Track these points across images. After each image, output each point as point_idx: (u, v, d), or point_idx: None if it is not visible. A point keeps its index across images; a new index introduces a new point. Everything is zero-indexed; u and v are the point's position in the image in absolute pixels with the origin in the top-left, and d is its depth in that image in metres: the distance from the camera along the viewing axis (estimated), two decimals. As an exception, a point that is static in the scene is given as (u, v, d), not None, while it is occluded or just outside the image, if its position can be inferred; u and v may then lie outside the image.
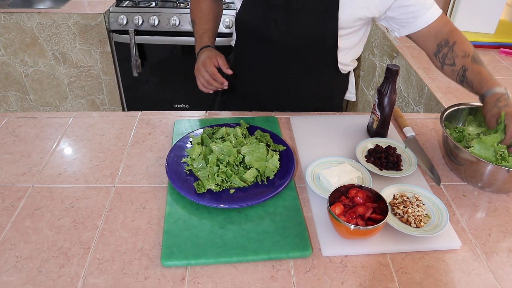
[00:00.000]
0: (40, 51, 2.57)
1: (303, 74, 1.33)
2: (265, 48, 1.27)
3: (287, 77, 1.33)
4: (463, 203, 1.00)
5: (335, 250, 0.86)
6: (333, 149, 1.15)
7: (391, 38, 2.04)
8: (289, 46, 1.24)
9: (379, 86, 1.12)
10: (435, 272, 0.83)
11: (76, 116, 1.27)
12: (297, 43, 1.23)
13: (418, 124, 1.30)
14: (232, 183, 0.97)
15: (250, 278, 0.80)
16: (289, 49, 1.25)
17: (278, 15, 1.18)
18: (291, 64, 1.30)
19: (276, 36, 1.22)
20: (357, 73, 2.66)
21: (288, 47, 1.24)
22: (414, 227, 0.89)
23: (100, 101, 2.82)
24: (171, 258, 0.82)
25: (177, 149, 1.08)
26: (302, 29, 1.20)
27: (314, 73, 1.33)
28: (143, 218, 0.92)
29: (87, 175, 1.04)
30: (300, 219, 0.92)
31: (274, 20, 1.20)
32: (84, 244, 0.86)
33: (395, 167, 1.06)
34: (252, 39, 1.29)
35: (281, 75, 1.33)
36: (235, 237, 0.87)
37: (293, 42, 1.23)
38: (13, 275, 0.79)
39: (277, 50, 1.26)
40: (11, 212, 0.93)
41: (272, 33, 1.22)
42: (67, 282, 0.78)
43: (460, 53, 1.15)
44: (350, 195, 0.90)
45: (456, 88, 1.55)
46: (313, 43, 1.23)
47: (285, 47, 1.24)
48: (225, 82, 1.21)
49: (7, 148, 1.13)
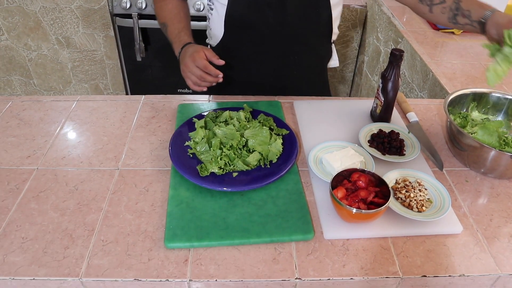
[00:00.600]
0: (43, 35, 2.57)
1: (304, 53, 1.32)
2: (262, 35, 1.26)
3: (288, 60, 1.32)
4: (465, 188, 1.00)
5: (337, 234, 0.86)
6: (336, 134, 1.15)
7: (396, 23, 2.02)
8: (286, 28, 1.23)
9: (383, 71, 1.12)
10: (436, 256, 0.83)
11: (80, 99, 1.27)
12: (294, 22, 1.22)
13: (421, 109, 1.29)
14: (235, 167, 0.98)
15: (252, 260, 0.81)
16: (287, 31, 1.24)
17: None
18: (291, 46, 1.29)
19: (272, 20, 1.22)
20: (361, 58, 2.64)
21: (285, 29, 1.24)
22: (416, 211, 0.89)
23: (103, 85, 2.82)
24: (174, 240, 0.82)
25: (180, 132, 1.09)
26: (297, 7, 1.19)
27: (313, 49, 1.33)
28: (147, 200, 0.93)
29: (91, 158, 1.05)
30: (303, 202, 0.92)
31: (267, 5, 1.19)
32: (88, 226, 0.87)
33: (398, 152, 1.06)
34: (247, 30, 1.27)
35: (282, 59, 1.32)
36: (237, 219, 0.88)
37: (290, 22, 1.22)
38: (19, 256, 0.80)
39: (275, 34, 1.25)
40: (16, 194, 0.94)
41: (268, 18, 1.21)
42: (72, 263, 0.79)
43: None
44: (353, 179, 0.91)
45: (461, 74, 1.54)
46: (309, 18, 1.22)
47: (282, 29, 1.24)
48: (220, 73, 1.13)
49: (12, 131, 1.13)
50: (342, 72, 2.79)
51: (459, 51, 1.72)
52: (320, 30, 1.29)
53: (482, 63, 1.62)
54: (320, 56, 1.39)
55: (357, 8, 2.49)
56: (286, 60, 1.33)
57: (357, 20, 2.53)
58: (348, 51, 2.68)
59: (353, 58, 2.72)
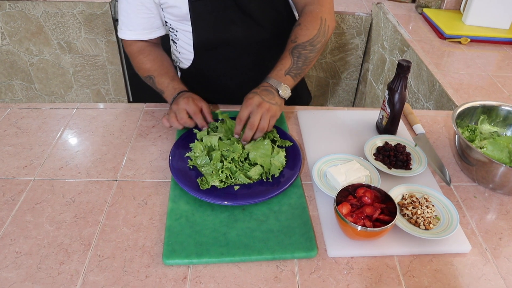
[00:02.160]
0: (45, 40, 2.55)
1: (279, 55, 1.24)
2: (234, 50, 1.25)
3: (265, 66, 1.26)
4: (474, 204, 0.97)
5: (341, 251, 0.83)
6: (341, 146, 1.12)
7: (402, 32, 2.00)
8: (257, 37, 1.22)
9: (389, 82, 1.09)
10: (443, 276, 0.80)
11: (79, 107, 1.25)
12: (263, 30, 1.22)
13: (428, 121, 1.26)
14: (237, 180, 0.95)
15: (253, 279, 0.78)
16: (258, 39, 1.24)
17: (232, 14, 1.17)
18: (265, 52, 1.28)
19: (241, 34, 1.21)
20: (365, 66, 2.62)
21: (256, 39, 1.23)
22: (423, 229, 0.86)
23: (105, 91, 2.80)
24: (173, 256, 0.80)
25: (181, 143, 1.06)
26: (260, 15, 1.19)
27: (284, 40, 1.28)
28: (145, 214, 0.91)
29: (89, 169, 1.02)
30: (306, 218, 0.89)
31: (232, 22, 1.18)
32: (84, 240, 0.84)
33: (404, 166, 1.03)
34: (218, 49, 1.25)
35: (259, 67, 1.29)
36: (238, 235, 0.85)
37: (258, 31, 1.21)
38: (12, 271, 0.78)
39: (247, 46, 1.25)
40: (11, 206, 0.91)
41: (237, 34, 1.20)
42: (67, 279, 0.77)
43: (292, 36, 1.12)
44: (358, 194, 0.88)
45: (468, 85, 1.51)
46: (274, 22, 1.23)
47: (253, 41, 1.23)
48: (205, 126, 1.08)
49: (9, 140, 1.11)
50: (346, 80, 2.77)
51: (466, 61, 1.69)
52: (285, 27, 1.26)
53: (490, 74, 1.60)
54: None
55: (362, 16, 2.47)
56: (263, 66, 1.29)
57: (362, 28, 2.51)
58: (353, 59, 2.65)
59: (358, 66, 2.69)
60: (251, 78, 1.30)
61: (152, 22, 1.21)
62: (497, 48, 1.83)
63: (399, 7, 2.30)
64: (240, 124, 1.01)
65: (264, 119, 1.00)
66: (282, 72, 1.06)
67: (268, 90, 1.04)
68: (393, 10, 2.25)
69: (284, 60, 1.08)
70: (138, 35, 1.22)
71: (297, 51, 1.09)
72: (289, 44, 1.11)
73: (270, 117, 1.01)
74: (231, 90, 1.35)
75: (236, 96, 1.26)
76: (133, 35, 1.21)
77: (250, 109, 1.00)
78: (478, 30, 1.91)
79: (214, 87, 1.37)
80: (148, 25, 1.20)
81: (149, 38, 1.23)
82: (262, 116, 1.00)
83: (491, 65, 1.68)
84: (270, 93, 1.03)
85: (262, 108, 1.00)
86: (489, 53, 1.79)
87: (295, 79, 1.08)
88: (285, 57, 1.09)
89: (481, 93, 1.47)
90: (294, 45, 1.09)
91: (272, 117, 1.02)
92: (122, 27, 1.21)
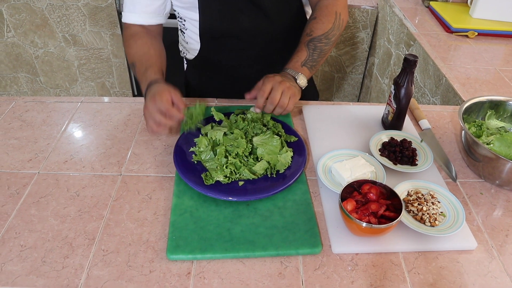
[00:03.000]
0: (50, 32, 2.55)
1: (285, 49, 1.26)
2: (241, 41, 1.24)
3: (271, 59, 1.30)
4: (480, 201, 0.97)
5: (346, 248, 0.83)
6: (346, 141, 1.11)
7: (408, 25, 1.98)
8: (264, 28, 1.22)
9: (396, 77, 1.08)
10: (449, 273, 0.80)
11: (84, 101, 1.25)
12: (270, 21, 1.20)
13: (434, 116, 1.25)
14: (241, 175, 0.95)
15: (257, 275, 0.78)
16: (265, 31, 1.23)
17: (241, 3, 1.16)
18: (272, 45, 1.27)
19: (248, 24, 1.20)
20: (371, 60, 2.60)
21: (263, 30, 1.22)
22: (429, 225, 0.86)
23: (110, 84, 2.80)
24: (177, 252, 0.80)
25: (185, 137, 1.06)
26: (269, 5, 1.17)
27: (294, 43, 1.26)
28: (149, 208, 0.90)
29: (94, 163, 1.02)
30: (311, 214, 0.89)
31: (240, 11, 1.17)
32: (89, 234, 0.84)
33: (410, 162, 1.02)
34: (224, 39, 1.24)
35: (265, 60, 1.30)
36: (243, 231, 0.85)
37: (266, 22, 1.20)
38: (17, 265, 0.78)
39: (253, 38, 1.24)
40: (16, 200, 0.91)
41: (244, 24, 1.19)
42: (71, 273, 0.77)
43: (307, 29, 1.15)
44: (363, 191, 0.87)
45: (475, 79, 1.50)
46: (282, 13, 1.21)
47: (260, 31, 1.22)
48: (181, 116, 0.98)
49: (14, 133, 1.11)
50: (351, 74, 2.75)
51: (473, 55, 1.68)
52: (295, 21, 1.26)
53: (497, 68, 1.58)
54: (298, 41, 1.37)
55: (368, 9, 2.45)
56: (269, 60, 1.30)
57: (368, 21, 2.49)
58: (358, 53, 2.64)
59: (363, 60, 2.67)
60: (257, 71, 1.30)
61: (157, 7, 1.17)
62: (505, 42, 1.81)
63: (405, 0, 2.27)
64: (263, 96, 1.01)
65: (285, 95, 1.01)
66: (299, 63, 1.10)
67: (287, 77, 1.07)
68: (400, 3, 2.23)
69: (300, 52, 1.11)
70: (137, 17, 1.17)
71: (312, 44, 1.12)
72: (304, 37, 1.14)
73: (291, 95, 1.02)
74: (236, 82, 1.34)
75: (240, 88, 1.25)
76: (132, 18, 1.17)
77: (272, 84, 1.01)
78: (486, 23, 1.89)
79: (219, 78, 1.36)
80: (151, 8, 1.16)
81: (147, 23, 1.18)
82: (283, 92, 1.01)
83: (499, 59, 1.66)
84: (290, 79, 1.06)
85: (283, 85, 1.01)
86: (497, 47, 1.77)
87: (311, 70, 1.11)
88: (301, 50, 1.12)
89: (488, 87, 1.46)
90: (309, 38, 1.12)
91: (292, 96, 1.02)
92: (124, 9, 1.19)
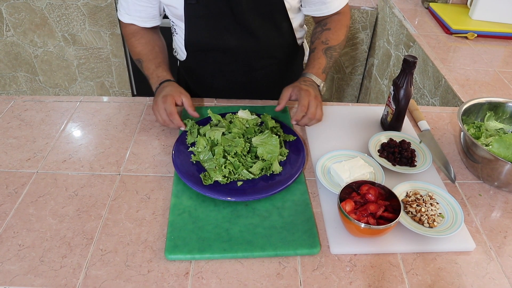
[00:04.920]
0: (49, 31, 2.55)
1: (270, 65, 1.32)
2: (225, 56, 1.26)
3: (255, 74, 1.32)
4: (479, 202, 0.97)
5: (344, 248, 0.83)
6: (345, 142, 1.11)
7: (408, 26, 1.98)
8: (249, 47, 1.24)
9: (395, 78, 1.08)
10: (447, 274, 0.80)
11: (83, 100, 1.25)
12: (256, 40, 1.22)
13: (433, 117, 1.25)
14: (240, 175, 0.95)
15: (255, 275, 0.78)
16: (250, 49, 1.25)
17: (227, 22, 1.17)
18: (257, 61, 1.29)
19: (234, 42, 1.22)
20: (370, 61, 2.60)
21: (248, 48, 1.24)
22: (427, 227, 0.86)
23: (109, 83, 2.80)
24: (175, 252, 0.80)
25: (184, 137, 1.06)
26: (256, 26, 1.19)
27: (280, 60, 1.33)
28: (148, 208, 0.90)
29: (92, 162, 1.02)
30: (309, 214, 0.89)
31: (225, 29, 1.19)
32: (87, 234, 0.84)
33: (409, 163, 1.02)
34: (209, 53, 1.26)
35: (249, 74, 1.32)
36: (241, 231, 0.84)
37: (251, 41, 1.22)
38: (15, 264, 0.78)
39: (238, 54, 1.25)
40: (14, 199, 0.91)
41: (229, 42, 1.21)
42: (69, 273, 0.77)
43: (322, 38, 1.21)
44: (362, 191, 0.87)
45: (474, 81, 1.50)
46: (270, 34, 1.23)
47: (245, 49, 1.24)
48: (182, 126, 1.07)
49: (13, 132, 1.11)
50: (351, 75, 2.75)
51: (473, 56, 1.68)
52: (283, 41, 1.29)
53: (496, 70, 1.58)
54: (288, 63, 1.38)
55: (368, 10, 2.45)
56: (253, 74, 1.33)
57: (368, 22, 2.49)
58: (358, 54, 2.64)
59: (363, 61, 2.67)
60: (240, 83, 1.34)
61: (149, 12, 1.21)
62: (504, 44, 1.81)
63: (405, 1, 2.28)
64: (304, 111, 1.06)
65: (319, 109, 1.08)
66: (320, 70, 1.17)
67: (314, 86, 1.13)
68: (399, 4, 2.23)
69: (320, 59, 1.18)
70: (134, 21, 1.22)
71: (329, 52, 1.19)
72: (320, 45, 1.19)
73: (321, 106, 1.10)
74: (219, 90, 1.37)
75: (224, 96, 1.29)
76: (129, 19, 1.22)
77: (309, 99, 1.07)
78: (485, 25, 1.89)
79: (204, 84, 1.39)
80: (144, 13, 1.21)
81: (143, 26, 1.23)
82: (317, 106, 1.07)
83: (498, 60, 1.66)
84: (316, 88, 1.13)
85: (317, 99, 1.09)
86: (496, 49, 1.77)
87: (326, 77, 1.19)
88: (320, 57, 1.18)
89: (487, 89, 1.46)
90: (326, 46, 1.19)
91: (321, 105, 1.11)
92: (120, 9, 1.22)
